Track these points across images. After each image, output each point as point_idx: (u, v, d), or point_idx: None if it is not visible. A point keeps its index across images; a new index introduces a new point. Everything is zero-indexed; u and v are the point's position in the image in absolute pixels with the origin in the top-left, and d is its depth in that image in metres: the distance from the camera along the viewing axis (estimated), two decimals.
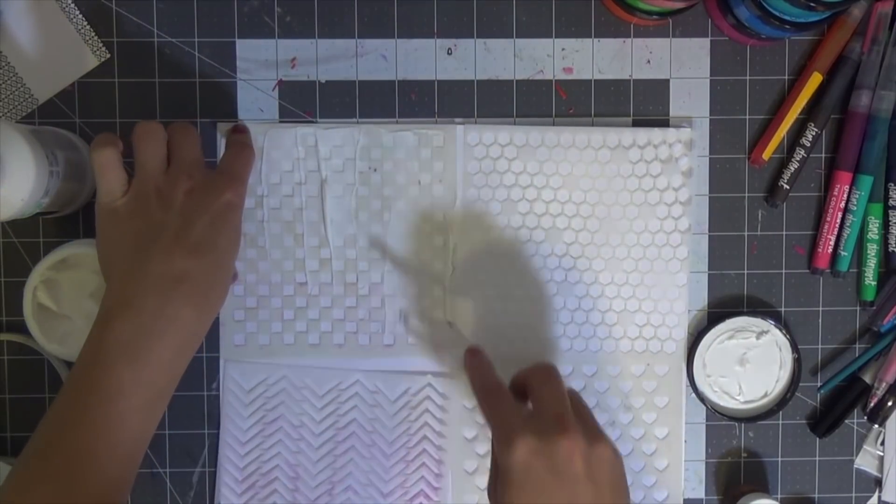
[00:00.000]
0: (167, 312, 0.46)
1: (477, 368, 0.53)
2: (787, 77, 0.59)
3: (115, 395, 0.45)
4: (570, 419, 0.47)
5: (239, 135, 0.56)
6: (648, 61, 0.59)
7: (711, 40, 0.59)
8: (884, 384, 0.58)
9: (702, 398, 0.59)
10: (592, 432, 0.48)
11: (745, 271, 0.59)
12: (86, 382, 0.45)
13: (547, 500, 0.46)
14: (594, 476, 0.46)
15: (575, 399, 0.51)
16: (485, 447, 0.59)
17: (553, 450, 0.46)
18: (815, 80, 0.57)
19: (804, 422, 0.60)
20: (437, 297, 0.58)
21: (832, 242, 0.58)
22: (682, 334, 0.59)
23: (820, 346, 0.60)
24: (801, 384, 0.59)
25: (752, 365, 0.59)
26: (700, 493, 0.60)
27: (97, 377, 0.45)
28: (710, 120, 0.59)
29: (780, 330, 0.58)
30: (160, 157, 0.50)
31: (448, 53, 0.58)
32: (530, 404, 0.50)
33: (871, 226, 0.58)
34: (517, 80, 0.58)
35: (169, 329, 0.47)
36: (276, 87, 0.58)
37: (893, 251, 0.58)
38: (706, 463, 0.60)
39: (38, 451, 0.45)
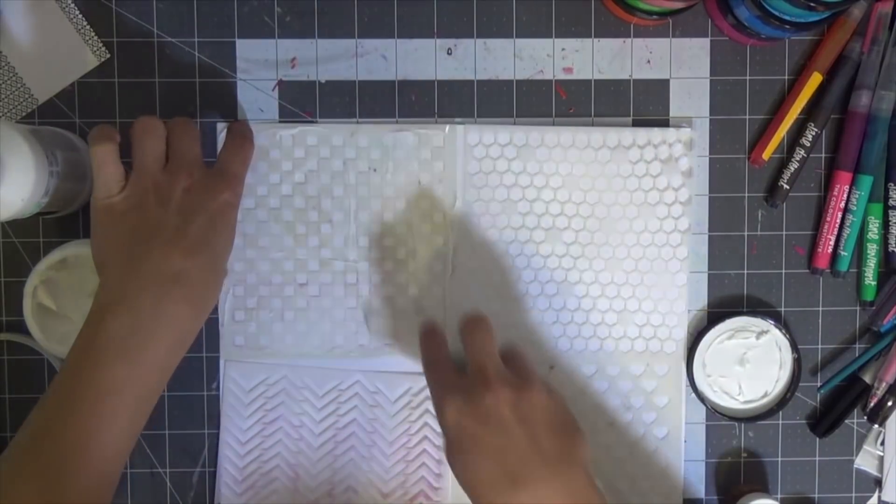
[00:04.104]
0: (162, 311, 0.46)
1: (428, 347, 0.53)
2: (787, 77, 0.59)
3: (107, 393, 0.45)
4: (493, 371, 0.48)
5: (239, 126, 0.56)
6: (648, 61, 0.59)
7: (711, 40, 0.59)
8: (884, 384, 0.58)
9: (702, 398, 0.59)
10: (521, 380, 0.48)
11: (745, 271, 0.59)
12: (77, 378, 0.45)
13: (481, 449, 0.46)
14: (526, 420, 0.47)
15: (510, 349, 0.51)
16: None
17: (478, 404, 0.47)
18: (815, 80, 0.57)
19: (804, 422, 0.60)
20: (437, 296, 0.58)
21: (832, 242, 0.58)
22: (681, 334, 0.59)
23: (820, 346, 0.60)
24: (801, 384, 0.59)
25: (752, 365, 0.59)
26: (700, 493, 0.60)
27: (89, 373, 0.45)
28: (710, 120, 0.59)
29: (780, 330, 0.58)
30: (159, 154, 0.50)
31: (448, 53, 0.58)
32: None
33: (871, 226, 0.58)
34: (517, 80, 0.58)
35: (164, 327, 0.46)
36: (276, 87, 0.58)
37: (893, 251, 0.58)
38: (706, 463, 0.60)
39: (27, 446, 0.45)
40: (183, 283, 0.47)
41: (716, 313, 0.59)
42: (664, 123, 0.59)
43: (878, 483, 0.60)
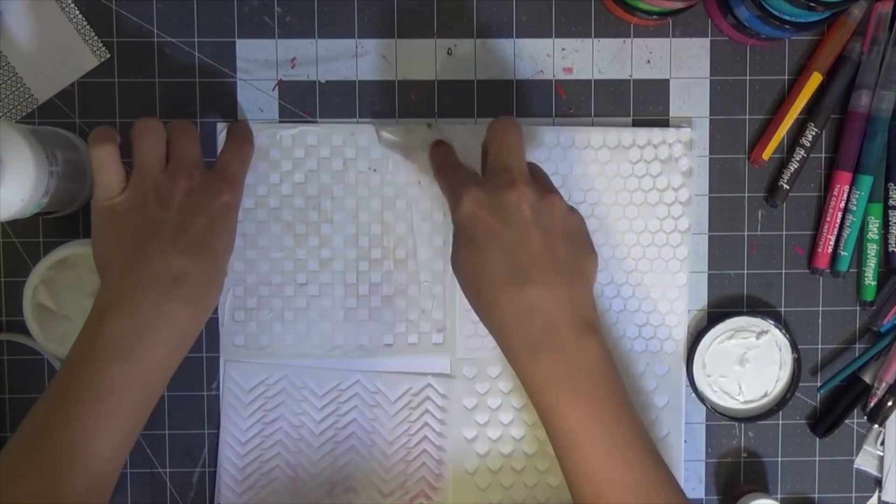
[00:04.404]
0: (163, 311, 0.46)
1: (438, 153, 0.53)
2: (787, 77, 0.59)
3: (106, 393, 0.45)
4: (519, 172, 0.47)
5: (239, 126, 0.56)
6: (648, 61, 0.59)
7: (711, 40, 0.59)
8: (884, 384, 0.58)
9: (701, 398, 0.59)
10: (544, 187, 0.48)
11: (745, 271, 0.59)
12: (76, 378, 0.45)
13: (496, 243, 0.46)
14: (544, 224, 0.46)
15: (533, 165, 0.51)
16: (485, 447, 0.59)
17: (499, 200, 0.46)
18: (815, 80, 0.57)
19: (804, 422, 0.60)
20: (437, 296, 0.58)
21: (832, 242, 0.58)
22: (681, 334, 0.59)
23: (820, 346, 0.60)
24: (801, 384, 0.59)
25: (752, 365, 0.59)
26: (700, 493, 0.60)
27: (89, 374, 0.45)
28: (710, 120, 0.59)
29: (780, 330, 0.58)
30: (159, 155, 0.50)
31: (448, 53, 0.58)
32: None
33: (870, 226, 0.58)
34: (517, 80, 0.58)
35: (164, 328, 0.46)
36: (276, 87, 0.58)
37: (893, 251, 0.58)
38: (706, 463, 0.60)
39: (25, 445, 0.45)
40: (183, 284, 0.47)
41: (716, 313, 0.59)
42: (664, 123, 0.59)
43: (878, 483, 0.60)
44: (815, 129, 0.58)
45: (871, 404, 0.59)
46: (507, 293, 0.45)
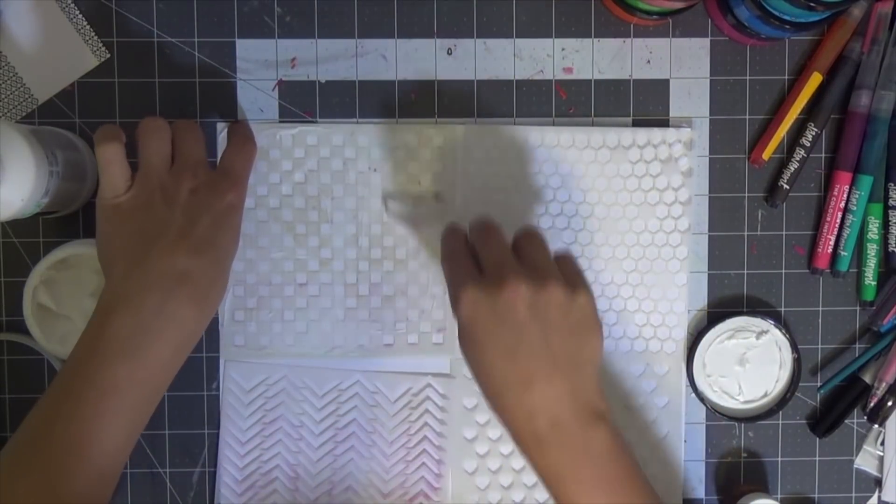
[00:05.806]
0: (167, 310, 0.46)
1: (448, 238, 0.52)
2: (787, 77, 0.59)
3: (109, 392, 0.45)
4: (509, 268, 0.47)
5: (241, 127, 0.56)
6: (648, 61, 0.59)
7: (711, 40, 0.59)
8: (884, 384, 0.58)
9: (701, 398, 0.59)
10: (539, 276, 0.47)
11: (745, 271, 0.59)
12: (80, 376, 0.45)
13: (495, 344, 0.46)
14: (541, 318, 0.46)
15: (528, 235, 0.50)
16: (485, 447, 0.59)
17: (495, 299, 0.46)
18: (815, 80, 0.57)
19: (804, 422, 0.60)
20: (437, 296, 0.58)
21: (832, 242, 0.58)
22: (681, 334, 0.59)
23: (820, 346, 0.60)
24: (801, 384, 0.59)
25: (751, 365, 0.59)
26: (700, 493, 0.60)
27: (92, 372, 0.45)
28: (710, 120, 0.59)
29: (780, 330, 0.58)
30: (165, 154, 0.50)
31: (448, 53, 0.58)
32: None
33: (870, 226, 0.58)
34: (517, 80, 0.58)
35: (168, 327, 0.47)
36: (276, 87, 0.58)
37: (893, 251, 0.58)
38: (706, 463, 0.60)
39: (28, 443, 0.45)
40: (187, 283, 0.47)
41: (716, 313, 0.59)
42: (664, 123, 0.59)
43: (878, 483, 0.60)
44: (815, 129, 0.58)
45: (871, 404, 0.59)
46: (511, 394, 0.45)
